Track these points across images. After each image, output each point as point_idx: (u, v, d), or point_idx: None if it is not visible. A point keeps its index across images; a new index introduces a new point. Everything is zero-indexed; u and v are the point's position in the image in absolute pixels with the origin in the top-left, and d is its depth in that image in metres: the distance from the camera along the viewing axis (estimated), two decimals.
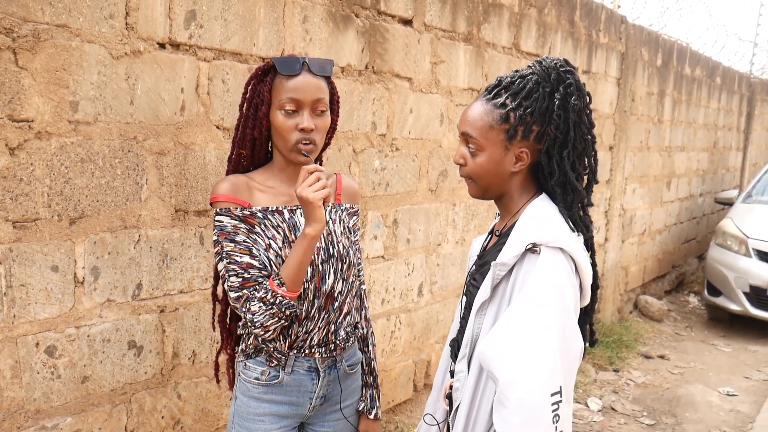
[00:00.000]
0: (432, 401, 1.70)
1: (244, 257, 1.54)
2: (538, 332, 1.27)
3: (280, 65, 1.56)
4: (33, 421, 1.80)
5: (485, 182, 1.45)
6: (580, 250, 1.39)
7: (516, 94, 1.39)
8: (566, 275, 1.33)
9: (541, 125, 1.39)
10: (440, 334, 3.60)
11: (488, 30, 3.55)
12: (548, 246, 1.33)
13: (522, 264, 1.35)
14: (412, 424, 3.36)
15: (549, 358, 1.26)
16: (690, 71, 6.98)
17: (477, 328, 1.41)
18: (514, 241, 1.38)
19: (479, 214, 3.75)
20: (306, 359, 1.65)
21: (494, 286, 1.39)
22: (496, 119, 1.39)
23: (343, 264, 1.67)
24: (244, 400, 1.66)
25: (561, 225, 1.39)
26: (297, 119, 1.56)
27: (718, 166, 8.65)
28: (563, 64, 1.41)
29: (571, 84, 1.38)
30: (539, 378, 1.24)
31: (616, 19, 5.17)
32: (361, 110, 2.81)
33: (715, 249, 6.13)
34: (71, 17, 1.75)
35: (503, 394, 1.26)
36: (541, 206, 1.42)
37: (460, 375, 1.45)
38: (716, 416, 4.07)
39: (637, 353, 5.17)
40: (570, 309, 1.32)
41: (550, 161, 1.40)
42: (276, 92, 1.57)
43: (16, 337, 1.74)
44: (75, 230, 1.83)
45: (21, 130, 1.68)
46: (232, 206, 1.56)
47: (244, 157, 1.65)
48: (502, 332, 1.29)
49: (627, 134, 5.50)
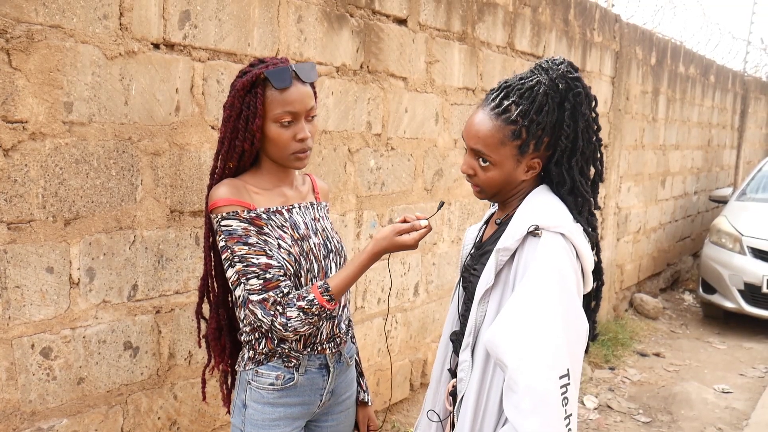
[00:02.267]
0: (431, 394, 1.69)
1: (261, 258, 1.51)
2: (543, 316, 1.28)
3: (273, 79, 1.52)
4: (29, 422, 1.79)
5: (494, 191, 1.48)
6: (581, 236, 1.40)
7: (527, 110, 1.37)
8: (568, 258, 1.34)
9: (551, 136, 1.40)
10: (436, 333, 3.61)
11: (483, 29, 3.55)
12: (549, 230, 1.34)
13: (523, 248, 1.36)
14: (409, 423, 3.36)
15: (555, 341, 1.27)
16: (684, 70, 7.00)
17: (480, 316, 1.41)
18: (515, 225, 1.39)
19: (475, 213, 3.75)
20: (317, 357, 1.66)
21: (497, 273, 1.39)
22: (508, 136, 1.39)
23: (340, 257, 1.71)
24: (257, 408, 1.62)
25: (562, 212, 1.41)
26: (293, 129, 1.56)
27: (713, 164, 8.68)
28: (570, 70, 1.39)
29: (579, 93, 1.39)
30: (546, 362, 1.25)
31: (610, 18, 5.18)
32: (357, 110, 2.81)
33: (709, 247, 6.15)
34: (65, 18, 1.74)
35: (512, 379, 1.27)
36: (543, 193, 1.44)
37: (464, 365, 1.44)
38: (711, 413, 4.09)
39: (632, 351, 5.19)
40: (573, 291, 1.33)
41: (559, 170, 1.42)
42: (270, 105, 1.54)
43: (11, 339, 1.73)
44: (70, 231, 1.82)
45: (15, 131, 1.67)
46: (238, 209, 1.53)
47: (230, 169, 1.62)
48: (508, 318, 1.30)
49: (621, 133, 5.52)
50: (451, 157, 3.48)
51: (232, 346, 1.74)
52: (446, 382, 1.64)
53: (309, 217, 1.68)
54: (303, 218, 1.65)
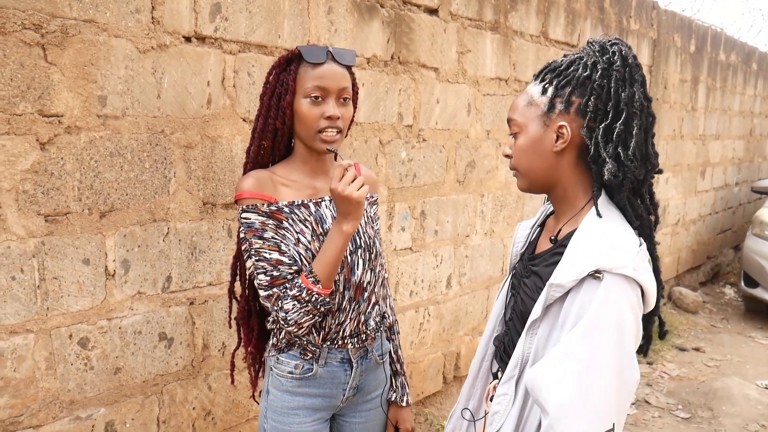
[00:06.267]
0: (467, 389, 1.64)
1: (273, 254, 1.52)
2: (595, 367, 1.17)
3: (306, 53, 1.54)
4: (68, 411, 1.83)
5: (526, 167, 1.35)
6: (646, 268, 1.25)
7: (556, 68, 1.33)
8: (629, 308, 1.20)
9: (581, 96, 1.28)
10: (469, 326, 3.58)
11: (515, 18, 3.49)
12: (612, 273, 1.19)
13: (580, 288, 1.21)
14: (442, 416, 3.34)
15: (604, 394, 1.17)
16: (725, 57, 6.80)
17: (528, 348, 1.31)
18: (573, 261, 1.23)
19: (508, 205, 3.70)
20: (339, 351, 1.64)
21: (546, 306, 1.28)
22: (535, 95, 1.34)
23: (371, 254, 1.66)
24: (277, 395, 1.65)
25: (627, 242, 1.25)
26: (323, 107, 1.54)
27: (755, 154, 8.42)
28: (614, 41, 1.31)
29: (615, 52, 1.27)
30: (591, 416, 1.16)
31: (648, 5, 5.05)
32: (387, 101, 2.79)
33: (752, 239, 5.98)
34: (98, 12, 1.76)
35: (552, 427, 1.17)
36: (604, 216, 1.28)
37: (504, 398, 1.34)
38: (754, 410, 3.97)
39: (671, 346, 5.07)
40: (630, 344, 1.20)
41: (591, 136, 1.27)
42: (301, 80, 1.55)
43: (50, 329, 1.77)
44: (105, 223, 1.85)
45: (51, 124, 1.70)
46: (258, 202, 1.54)
47: (265, 149, 1.62)
48: (555, 363, 1.19)
49: (659, 123, 5.38)
50: (483, 149, 3.44)
51: (260, 329, 1.75)
52: (483, 380, 1.59)
53: None
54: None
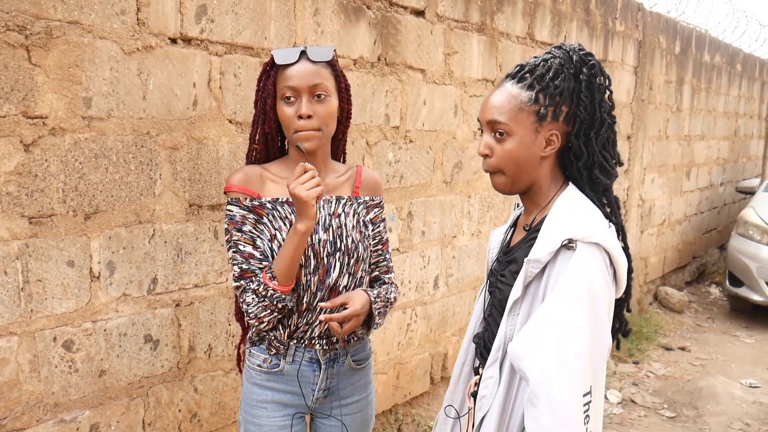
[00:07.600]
0: (450, 393, 1.67)
1: (247, 247, 1.58)
2: (570, 332, 1.23)
3: (276, 56, 1.58)
4: (52, 414, 1.82)
5: (514, 171, 1.40)
6: (615, 242, 1.35)
7: (542, 75, 1.36)
8: (601, 273, 1.29)
9: (569, 106, 1.36)
10: (457, 326, 3.59)
11: (502, 20, 3.51)
12: (583, 242, 1.28)
13: (556, 261, 1.30)
14: (430, 417, 3.35)
15: (580, 358, 1.23)
16: (709, 58, 6.86)
17: (510, 329, 1.36)
18: (547, 236, 1.32)
19: (495, 206, 3.72)
20: (307, 350, 1.66)
21: (526, 284, 1.34)
22: (525, 100, 1.36)
23: (351, 258, 1.65)
24: (248, 387, 1.69)
25: (595, 217, 1.35)
26: (296, 106, 1.57)
27: (739, 154, 8.51)
28: (582, 48, 1.41)
29: (594, 65, 1.37)
30: (570, 379, 1.22)
31: (633, 7, 5.09)
32: (374, 102, 2.80)
33: (736, 239, 6.04)
34: (83, 14, 1.75)
35: (534, 393, 1.23)
36: (573, 197, 1.38)
37: (490, 381, 1.39)
38: (739, 408, 4.02)
39: (657, 345, 5.12)
40: (602, 307, 1.28)
41: (579, 143, 1.38)
42: (278, 83, 1.59)
43: (33, 332, 1.76)
44: (90, 225, 1.84)
45: (35, 126, 1.69)
46: (242, 196, 1.59)
47: (258, 152, 1.69)
48: (534, 330, 1.26)
49: (645, 123, 5.43)
50: (470, 150, 3.45)
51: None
52: (464, 383, 1.61)
53: (326, 212, 1.65)
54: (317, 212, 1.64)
